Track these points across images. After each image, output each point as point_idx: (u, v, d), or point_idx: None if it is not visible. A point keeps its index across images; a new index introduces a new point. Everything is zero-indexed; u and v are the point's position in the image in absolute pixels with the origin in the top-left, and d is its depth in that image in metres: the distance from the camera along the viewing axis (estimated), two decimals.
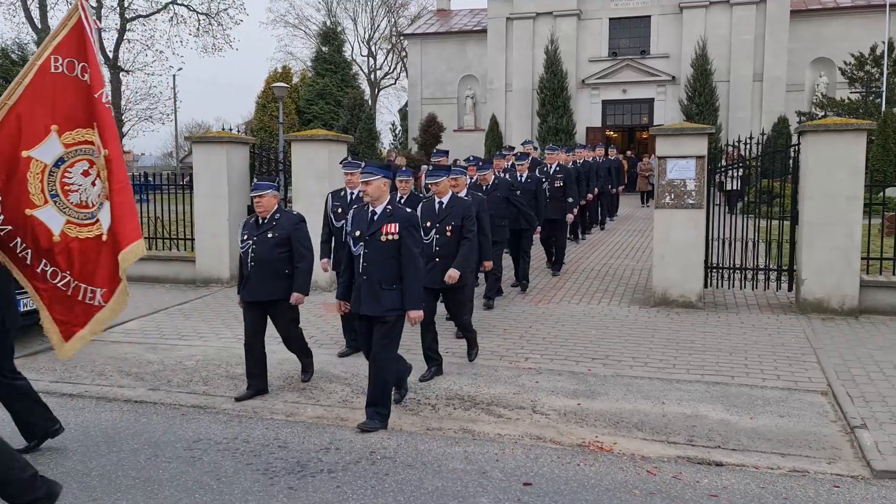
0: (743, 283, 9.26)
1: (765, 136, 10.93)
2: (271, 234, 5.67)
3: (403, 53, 45.67)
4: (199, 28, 36.50)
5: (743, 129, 21.46)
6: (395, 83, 52.96)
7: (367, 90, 47.26)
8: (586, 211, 14.59)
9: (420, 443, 4.86)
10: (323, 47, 38.12)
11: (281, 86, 25.96)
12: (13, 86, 4.47)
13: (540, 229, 9.76)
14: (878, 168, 18.04)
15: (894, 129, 19.22)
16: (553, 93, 28.43)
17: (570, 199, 10.82)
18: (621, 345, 7.17)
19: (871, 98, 23.11)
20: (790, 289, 9.12)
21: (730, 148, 10.61)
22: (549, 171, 10.95)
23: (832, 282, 8.22)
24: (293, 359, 6.24)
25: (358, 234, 5.11)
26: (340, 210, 6.79)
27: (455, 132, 31.56)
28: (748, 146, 9.64)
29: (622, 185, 19.29)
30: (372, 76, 51.67)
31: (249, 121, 39.38)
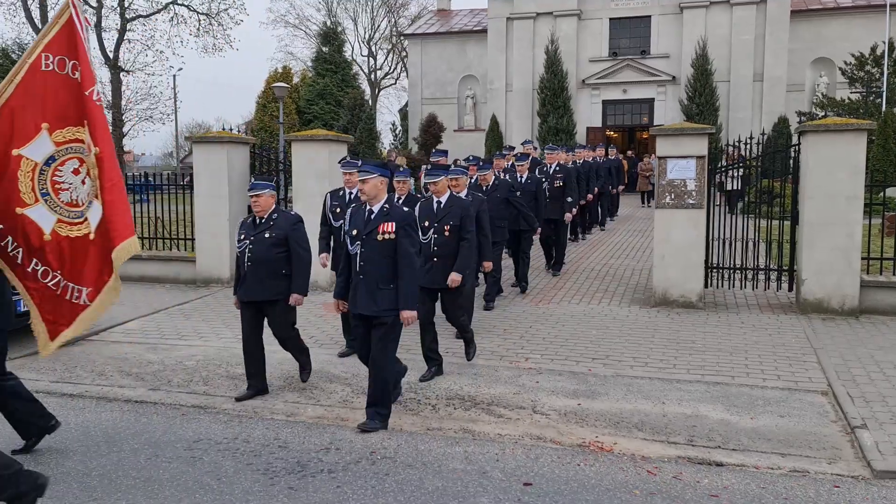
0: (743, 283, 9.26)
1: (765, 136, 10.93)
2: (268, 234, 5.65)
3: (404, 53, 45.68)
4: (199, 28, 36.42)
5: (743, 129, 21.45)
6: (395, 83, 53.08)
7: (368, 90, 47.31)
8: (586, 211, 14.58)
9: (420, 443, 4.86)
10: (323, 47, 38.18)
11: (281, 86, 25.98)
12: (4, 83, 4.45)
13: (540, 230, 9.76)
14: (879, 168, 18.02)
15: (894, 129, 19.22)
16: (553, 93, 28.44)
17: (569, 198, 10.82)
18: (622, 345, 7.17)
19: (871, 98, 23.11)
20: (790, 289, 9.12)
21: (730, 148, 10.61)
22: (549, 171, 10.95)
23: (832, 282, 8.22)
24: (293, 359, 6.23)
25: (355, 232, 5.10)
26: (339, 209, 6.78)
27: (455, 132, 31.55)
28: (748, 146, 9.65)
29: (622, 185, 19.27)
30: (372, 76, 51.71)
31: (250, 121, 39.42)
